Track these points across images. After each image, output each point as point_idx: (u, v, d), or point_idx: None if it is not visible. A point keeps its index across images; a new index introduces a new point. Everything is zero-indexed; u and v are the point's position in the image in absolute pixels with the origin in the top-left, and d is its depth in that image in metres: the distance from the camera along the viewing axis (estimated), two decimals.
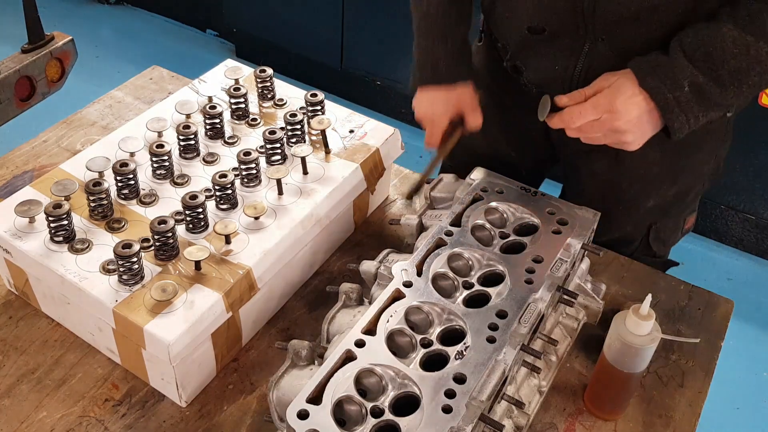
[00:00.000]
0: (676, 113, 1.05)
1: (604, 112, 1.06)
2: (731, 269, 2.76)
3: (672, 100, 1.04)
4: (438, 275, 1.02)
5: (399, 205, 1.41)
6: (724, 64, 1.03)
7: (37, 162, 1.43)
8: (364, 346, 0.91)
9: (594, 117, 1.07)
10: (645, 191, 1.35)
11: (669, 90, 1.04)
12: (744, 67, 1.03)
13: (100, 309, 1.01)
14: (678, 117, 1.05)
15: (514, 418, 0.99)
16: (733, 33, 1.02)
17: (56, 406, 1.05)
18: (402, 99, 3.25)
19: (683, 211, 1.41)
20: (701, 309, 1.23)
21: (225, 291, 1.03)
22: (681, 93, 1.04)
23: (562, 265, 1.03)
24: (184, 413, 1.05)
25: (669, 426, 1.07)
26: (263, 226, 1.12)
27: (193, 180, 1.20)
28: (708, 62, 1.03)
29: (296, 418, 0.83)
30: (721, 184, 1.41)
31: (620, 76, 1.07)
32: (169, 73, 1.68)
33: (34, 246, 1.07)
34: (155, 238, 1.05)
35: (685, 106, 1.05)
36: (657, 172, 1.31)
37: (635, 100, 1.05)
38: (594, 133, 1.09)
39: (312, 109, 1.32)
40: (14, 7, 2.33)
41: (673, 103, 1.04)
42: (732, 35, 1.02)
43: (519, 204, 1.13)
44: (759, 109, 2.40)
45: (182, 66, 1.89)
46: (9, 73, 1.96)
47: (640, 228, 1.39)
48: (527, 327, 0.94)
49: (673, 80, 1.04)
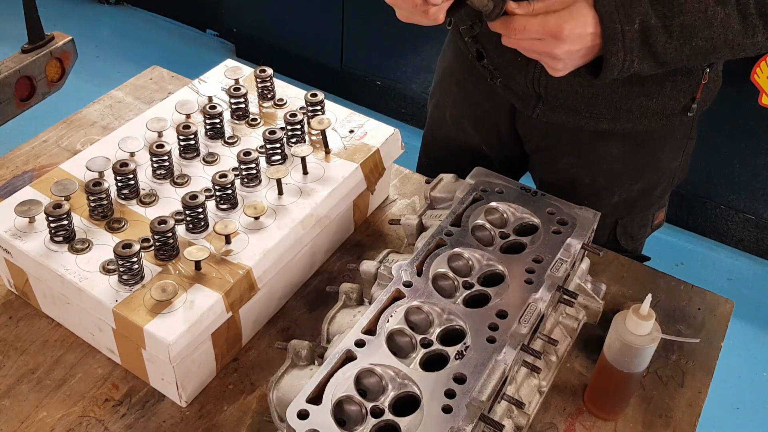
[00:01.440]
0: (618, 47, 1.02)
1: (548, 35, 1.02)
2: (731, 269, 2.76)
3: (620, 32, 1.01)
4: (438, 275, 1.02)
5: (399, 205, 1.41)
6: (680, 15, 1.00)
7: (37, 162, 1.43)
8: (364, 346, 0.91)
9: (536, 36, 1.03)
10: (608, 187, 1.35)
11: (620, 21, 1.01)
12: (696, 25, 1.01)
13: (100, 309, 1.02)
14: (618, 52, 1.02)
15: (514, 418, 0.99)
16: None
17: (56, 406, 1.05)
18: (402, 99, 3.26)
19: (650, 207, 1.42)
20: (701, 309, 1.23)
21: (225, 291, 1.03)
22: (630, 28, 1.01)
23: (562, 265, 1.03)
24: (184, 413, 1.06)
25: (669, 426, 1.07)
26: (263, 226, 1.12)
27: (193, 180, 1.20)
28: (667, 8, 1.01)
29: (296, 418, 0.83)
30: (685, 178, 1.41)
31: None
32: (169, 73, 1.68)
33: (34, 246, 1.07)
34: (155, 238, 1.05)
35: (628, 45, 1.02)
36: (619, 167, 1.32)
37: (585, 33, 1.01)
38: (530, 50, 1.06)
39: (312, 109, 1.32)
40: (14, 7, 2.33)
41: (620, 36, 1.01)
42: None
43: (519, 204, 1.13)
44: (759, 109, 2.40)
45: (182, 66, 1.89)
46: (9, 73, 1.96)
47: (607, 223, 1.39)
48: (527, 327, 0.94)
49: (627, 12, 1.00)
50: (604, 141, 1.30)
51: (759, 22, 1.01)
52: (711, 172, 2.68)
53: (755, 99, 2.37)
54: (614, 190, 1.36)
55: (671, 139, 1.31)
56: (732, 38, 1.03)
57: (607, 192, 1.36)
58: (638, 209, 1.41)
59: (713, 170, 2.67)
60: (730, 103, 2.43)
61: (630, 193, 1.37)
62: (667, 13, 1.01)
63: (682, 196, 2.75)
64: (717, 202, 2.74)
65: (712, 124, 2.50)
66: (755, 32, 1.02)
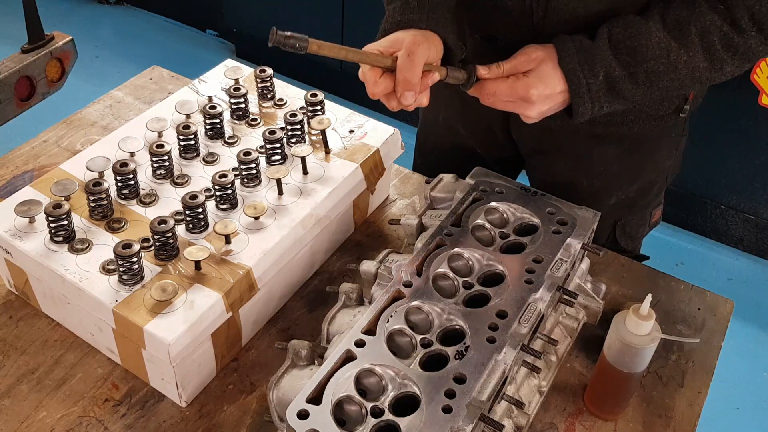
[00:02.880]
0: (585, 99, 1.07)
1: (518, 99, 1.07)
2: (731, 269, 2.76)
3: (585, 86, 1.06)
4: (438, 275, 1.02)
5: (399, 205, 1.41)
6: (644, 63, 1.04)
7: (37, 162, 1.43)
8: (364, 346, 0.91)
9: (508, 99, 1.07)
10: (606, 189, 1.36)
11: (585, 75, 1.05)
12: (660, 71, 1.04)
13: (100, 309, 1.02)
14: (585, 103, 1.07)
15: (514, 418, 0.99)
16: (659, 34, 1.03)
17: (56, 406, 1.05)
18: None
19: (648, 206, 1.43)
20: (701, 309, 1.23)
21: (225, 291, 1.03)
22: (594, 80, 1.05)
23: (562, 265, 1.03)
24: (184, 413, 1.06)
25: (669, 426, 1.07)
26: (263, 226, 1.12)
27: (193, 180, 1.20)
28: (630, 57, 1.04)
29: (296, 418, 0.83)
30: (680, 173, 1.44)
31: (543, 58, 1.06)
32: (169, 73, 1.68)
33: (34, 246, 1.07)
34: (155, 238, 1.05)
35: (595, 95, 1.06)
36: (616, 170, 1.33)
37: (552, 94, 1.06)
38: (505, 109, 1.11)
39: (312, 109, 1.32)
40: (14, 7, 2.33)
41: (585, 89, 1.06)
42: (658, 36, 1.03)
43: (519, 204, 1.13)
44: (759, 109, 2.40)
45: (182, 66, 1.89)
46: (9, 73, 1.97)
47: (606, 225, 1.39)
48: (527, 327, 0.94)
49: (591, 66, 1.05)
50: (599, 144, 1.30)
51: (725, 55, 1.03)
52: (711, 172, 2.68)
53: (755, 99, 2.37)
54: (612, 191, 1.36)
55: (665, 139, 1.32)
56: (699, 75, 1.05)
57: (605, 193, 1.36)
58: (636, 209, 1.41)
59: (713, 170, 2.67)
60: (730, 103, 2.43)
61: (628, 194, 1.37)
62: (630, 61, 1.04)
63: (682, 196, 2.75)
64: (717, 202, 2.74)
65: (713, 124, 2.50)
66: (723, 65, 1.05)
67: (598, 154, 1.30)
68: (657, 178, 1.38)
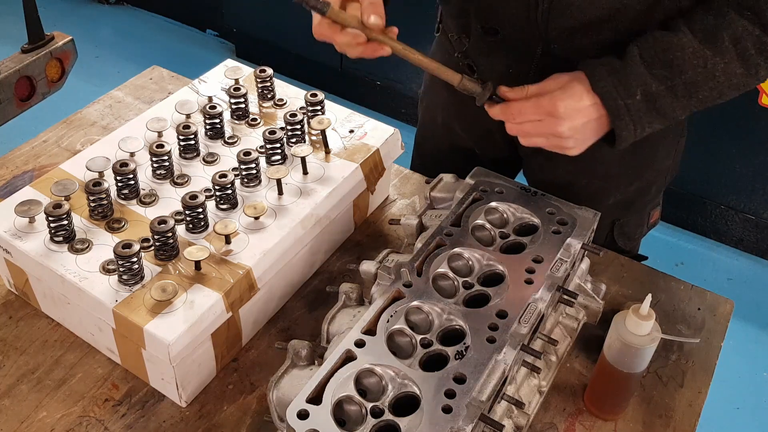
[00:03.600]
0: (626, 121, 1.03)
1: (546, 115, 1.04)
2: (731, 269, 2.76)
3: (623, 107, 1.02)
4: (438, 275, 1.02)
5: (399, 205, 1.41)
6: (682, 75, 1.02)
7: (37, 162, 1.43)
8: (364, 346, 0.91)
9: (534, 118, 1.04)
10: (604, 189, 1.35)
11: (621, 97, 1.02)
12: (699, 81, 1.02)
13: (100, 309, 1.02)
14: (627, 126, 1.04)
15: (514, 418, 0.99)
16: (693, 44, 1.01)
17: (56, 406, 1.05)
18: (402, 99, 3.25)
19: (646, 206, 1.42)
20: (701, 309, 1.23)
21: (225, 291, 1.03)
22: (633, 101, 1.02)
23: (562, 265, 1.03)
24: (184, 413, 1.06)
25: (669, 426, 1.07)
26: (263, 226, 1.12)
27: (193, 180, 1.20)
28: (666, 70, 1.02)
29: (296, 418, 0.83)
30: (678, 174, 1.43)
31: (571, 79, 1.04)
32: (169, 73, 1.68)
33: (34, 246, 1.07)
34: (155, 238, 1.05)
35: (635, 115, 1.03)
36: (616, 170, 1.32)
37: (582, 106, 1.03)
38: (535, 134, 1.07)
39: (312, 109, 1.32)
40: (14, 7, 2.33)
41: (624, 110, 1.03)
42: (692, 46, 1.01)
43: (519, 204, 1.13)
44: (759, 109, 2.40)
45: (182, 66, 1.89)
46: (9, 73, 1.97)
47: (604, 225, 1.39)
48: (527, 327, 0.94)
49: (626, 87, 1.02)
50: (599, 145, 1.29)
51: (760, 59, 1.02)
52: (711, 172, 2.68)
53: (755, 99, 2.37)
54: (611, 191, 1.36)
55: (665, 140, 1.32)
56: (736, 81, 1.04)
57: (603, 194, 1.36)
58: (634, 209, 1.41)
59: (713, 170, 2.67)
60: (730, 103, 2.43)
61: (626, 194, 1.37)
62: (667, 74, 1.02)
63: (682, 196, 2.75)
64: (717, 202, 2.74)
65: (713, 124, 2.50)
66: (758, 69, 1.04)
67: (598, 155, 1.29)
68: (656, 179, 1.38)
